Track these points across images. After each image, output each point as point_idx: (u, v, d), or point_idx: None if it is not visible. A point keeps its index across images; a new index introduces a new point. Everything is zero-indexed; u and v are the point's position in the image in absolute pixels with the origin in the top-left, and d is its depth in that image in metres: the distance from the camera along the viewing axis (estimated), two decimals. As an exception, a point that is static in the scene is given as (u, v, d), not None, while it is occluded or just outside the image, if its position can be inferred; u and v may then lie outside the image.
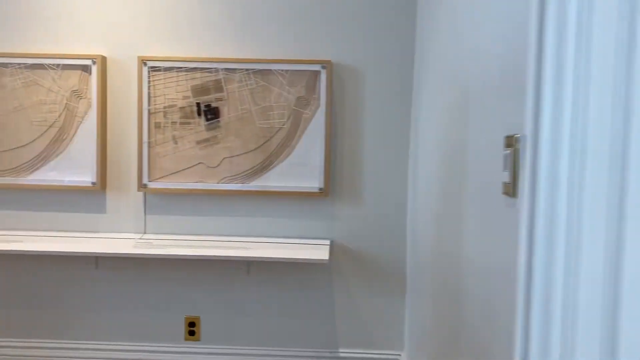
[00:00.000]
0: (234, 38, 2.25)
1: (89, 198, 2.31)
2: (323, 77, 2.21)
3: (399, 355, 2.30)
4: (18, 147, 2.27)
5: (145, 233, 2.31)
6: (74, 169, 2.27)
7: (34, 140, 2.27)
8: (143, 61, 2.22)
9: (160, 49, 2.25)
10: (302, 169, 2.26)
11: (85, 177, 2.26)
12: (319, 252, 2.17)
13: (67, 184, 2.25)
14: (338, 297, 2.31)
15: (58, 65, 2.24)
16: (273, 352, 2.31)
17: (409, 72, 2.24)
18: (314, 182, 2.25)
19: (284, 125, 2.25)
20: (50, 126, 2.27)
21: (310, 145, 2.25)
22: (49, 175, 2.27)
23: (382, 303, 2.31)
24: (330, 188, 2.27)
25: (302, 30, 2.24)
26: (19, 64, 2.24)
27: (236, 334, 2.32)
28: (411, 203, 2.21)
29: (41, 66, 2.24)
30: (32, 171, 2.27)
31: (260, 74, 2.23)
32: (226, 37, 2.25)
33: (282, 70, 2.22)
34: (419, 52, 2.14)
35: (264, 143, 2.26)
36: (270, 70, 2.22)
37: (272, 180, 2.26)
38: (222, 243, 2.25)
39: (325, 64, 2.20)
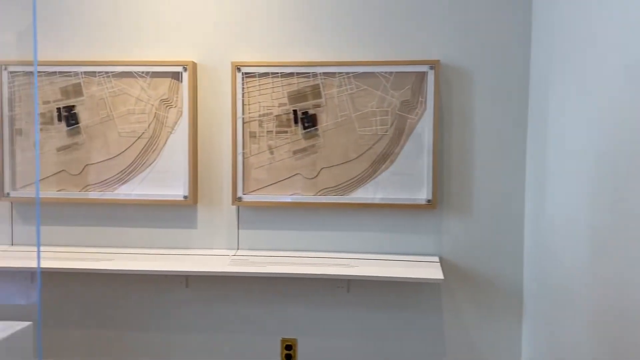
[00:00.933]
0: (332, 40, 2.09)
1: (180, 213, 2.18)
2: (430, 78, 2.04)
3: (515, 382, 2.09)
4: (106, 160, 2.16)
5: (238, 249, 2.17)
6: (163, 182, 2.15)
7: (122, 152, 2.16)
8: (237, 67, 2.09)
9: (254, 54, 2.12)
10: (406, 178, 2.08)
11: (177, 190, 2.14)
12: (430, 270, 1.98)
13: (159, 198, 2.13)
14: (447, 319, 2.12)
15: (147, 72, 2.13)
16: (375, 377, 2.13)
17: (524, 70, 2.04)
18: (420, 193, 2.07)
19: (387, 131, 2.08)
20: (139, 137, 2.15)
21: (416, 153, 2.07)
22: (137, 189, 2.15)
23: (496, 328, 2.10)
24: (438, 199, 2.08)
25: (407, 29, 2.07)
26: (107, 72, 2.13)
27: (336, 357, 2.15)
28: (531, 215, 2.00)
29: (130, 74, 2.13)
30: (121, 184, 2.16)
31: (362, 77, 2.07)
32: (324, 39, 2.10)
33: (386, 72, 2.06)
34: (541, 47, 1.94)
35: (365, 151, 2.09)
36: (373, 73, 2.06)
37: (373, 192, 2.09)
38: (320, 260, 2.09)
39: (433, 65, 2.03)
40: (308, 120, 2.10)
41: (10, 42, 2.15)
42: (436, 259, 2.07)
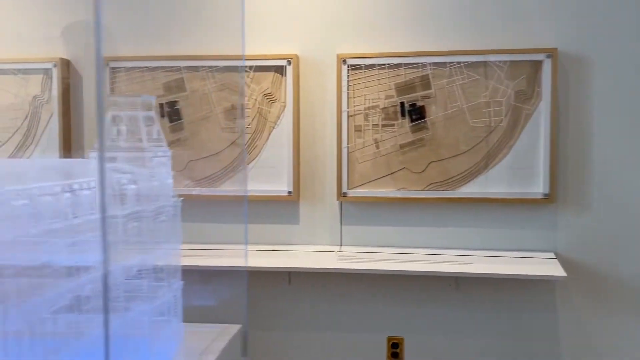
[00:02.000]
0: (441, 29, 2.02)
1: (283, 208, 2.14)
2: (547, 67, 1.94)
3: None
4: (210, 156, 2.15)
5: (342, 245, 2.13)
6: (266, 177, 2.12)
7: (225, 148, 2.14)
8: (342, 59, 2.04)
9: (358, 45, 2.06)
10: (521, 172, 1.99)
11: (280, 186, 2.10)
12: (548, 267, 1.89)
13: (264, 194, 2.10)
14: (563, 318, 2.02)
15: (251, 67, 2.10)
16: (485, 378, 2.06)
17: (649, 57, 1.92)
18: (536, 187, 1.98)
19: (500, 123, 2.00)
20: (241, 132, 2.13)
21: (532, 145, 1.99)
22: (240, 185, 2.13)
23: (617, 329, 1.99)
24: (556, 193, 1.98)
25: (521, 15, 1.98)
26: (211, 67, 2.12)
27: (443, 356, 2.08)
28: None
29: (234, 69, 2.11)
30: (224, 181, 2.14)
31: (473, 67, 1.99)
32: (433, 28, 2.03)
33: (500, 61, 1.97)
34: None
35: (477, 144, 2.01)
36: (486, 62, 1.98)
37: (485, 186, 2.01)
38: (429, 256, 2.02)
39: (551, 53, 1.93)
40: (416, 113, 2.03)
41: (114, 37, 2.15)
42: (552, 255, 1.98)
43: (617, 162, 1.97)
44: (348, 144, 2.07)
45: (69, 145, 2.19)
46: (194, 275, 1.52)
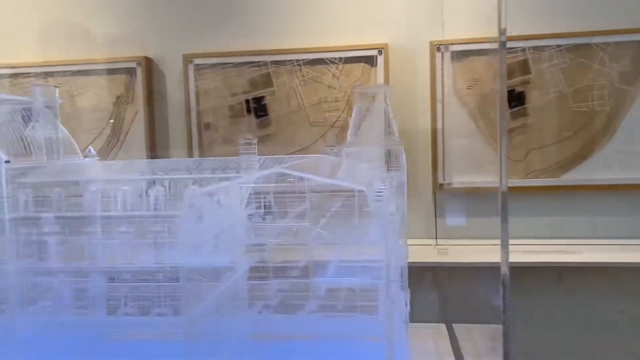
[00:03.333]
0: (538, 11, 1.96)
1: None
2: (653, 47, 1.88)
3: None
4: (298, 151, 2.10)
5: (437, 238, 2.06)
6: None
7: (314, 142, 2.09)
8: (436, 46, 1.99)
9: (452, 32, 2.01)
10: (630, 156, 1.92)
11: (373, 179, 2.05)
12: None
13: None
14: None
15: (340, 59, 2.05)
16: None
17: None
18: (643, 172, 1.91)
19: (604, 106, 1.93)
20: (331, 127, 2.08)
21: (638, 128, 1.91)
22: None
23: None
24: (666, 178, 1.90)
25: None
26: (298, 60, 2.07)
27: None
28: None
29: (321, 61, 2.06)
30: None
31: (575, 49, 1.93)
32: (529, 10, 1.97)
33: (602, 43, 1.91)
34: None
35: (580, 128, 1.94)
36: (588, 44, 1.92)
37: (590, 172, 1.94)
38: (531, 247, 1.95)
39: (657, 32, 1.87)
40: (515, 99, 1.97)
41: (197, 34, 2.13)
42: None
43: None
44: (443, 133, 2.01)
45: (154, 145, 2.15)
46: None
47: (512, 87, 1.97)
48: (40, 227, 1.08)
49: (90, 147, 1.43)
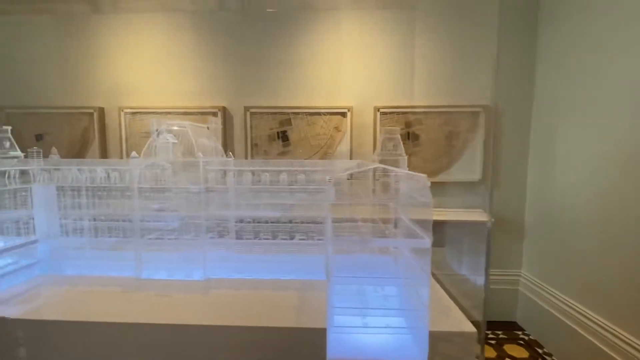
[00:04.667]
0: (424, 90, 3.91)
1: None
2: None
3: None
4: (306, 159, 3.99)
5: None
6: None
7: (313, 155, 3.98)
8: (377, 109, 3.92)
9: (382, 100, 3.94)
10: (465, 167, 3.89)
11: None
12: None
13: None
14: None
15: (326, 112, 3.96)
16: None
17: None
18: None
19: (455, 143, 3.89)
20: (321, 147, 3.98)
21: (472, 157, 3.89)
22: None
23: None
24: None
25: None
26: (304, 112, 3.96)
27: None
28: None
29: (317, 113, 3.96)
30: (312, 173, 3.99)
31: (443, 114, 3.88)
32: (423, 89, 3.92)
33: (455, 112, 3.87)
34: None
35: (446, 153, 3.91)
36: (449, 112, 3.88)
37: (449, 175, 3.90)
38: None
39: None
40: (413, 138, 3.91)
41: (251, 92, 3.99)
42: None
43: None
44: None
45: (226, 154, 4.00)
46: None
47: (409, 130, 3.90)
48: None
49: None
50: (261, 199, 2.36)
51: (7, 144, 2.23)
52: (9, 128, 2.66)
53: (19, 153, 2.29)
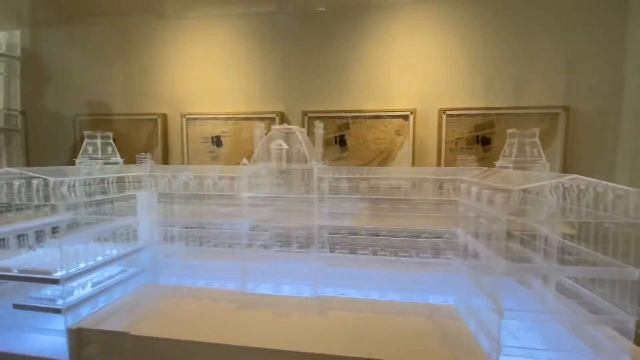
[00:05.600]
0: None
1: None
2: None
3: None
4: (364, 165, 3.80)
5: None
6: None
7: (371, 161, 3.79)
8: (443, 111, 3.65)
9: (447, 103, 3.66)
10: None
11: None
12: None
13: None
14: None
15: (387, 115, 3.75)
16: None
17: None
18: None
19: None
20: (380, 153, 3.77)
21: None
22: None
23: None
24: None
25: None
26: (363, 115, 3.78)
27: None
28: None
29: (377, 117, 3.77)
30: (371, 179, 3.79)
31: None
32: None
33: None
34: None
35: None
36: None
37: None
38: None
39: None
40: (484, 142, 3.59)
41: (311, 97, 3.88)
42: None
43: None
44: None
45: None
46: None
47: (482, 134, 3.59)
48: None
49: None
50: (381, 211, 2.13)
51: (110, 150, 2.28)
52: (111, 134, 2.72)
53: (119, 159, 2.32)
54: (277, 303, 1.93)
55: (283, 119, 3.94)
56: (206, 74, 4.08)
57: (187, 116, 4.08)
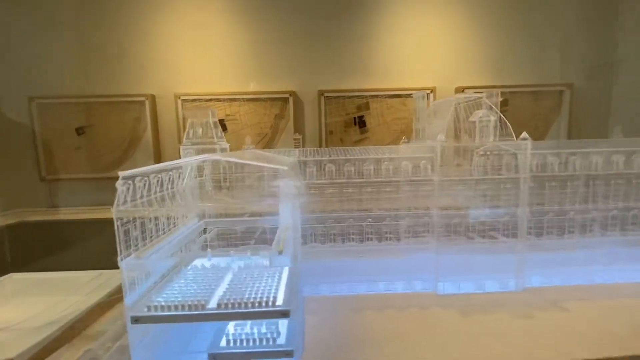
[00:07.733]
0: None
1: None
2: None
3: None
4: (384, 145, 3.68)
5: None
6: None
7: (391, 141, 3.69)
8: (461, 89, 3.67)
9: (464, 81, 3.69)
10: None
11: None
12: None
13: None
14: None
15: (407, 94, 3.66)
16: None
17: None
18: None
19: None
20: (401, 132, 3.69)
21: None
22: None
23: None
24: None
25: None
26: (383, 94, 3.65)
27: None
28: None
29: (397, 95, 3.66)
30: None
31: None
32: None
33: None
34: None
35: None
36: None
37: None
38: None
39: None
40: (499, 119, 3.71)
41: (327, 76, 3.62)
42: None
43: None
44: None
45: (299, 144, 3.62)
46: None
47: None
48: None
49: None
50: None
51: (220, 133, 1.79)
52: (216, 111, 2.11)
53: (225, 144, 1.81)
54: (491, 302, 1.60)
55: (295, 98, 3.63)
56: (204, 50, 3.57)
57: (182, 97, 3.55)
